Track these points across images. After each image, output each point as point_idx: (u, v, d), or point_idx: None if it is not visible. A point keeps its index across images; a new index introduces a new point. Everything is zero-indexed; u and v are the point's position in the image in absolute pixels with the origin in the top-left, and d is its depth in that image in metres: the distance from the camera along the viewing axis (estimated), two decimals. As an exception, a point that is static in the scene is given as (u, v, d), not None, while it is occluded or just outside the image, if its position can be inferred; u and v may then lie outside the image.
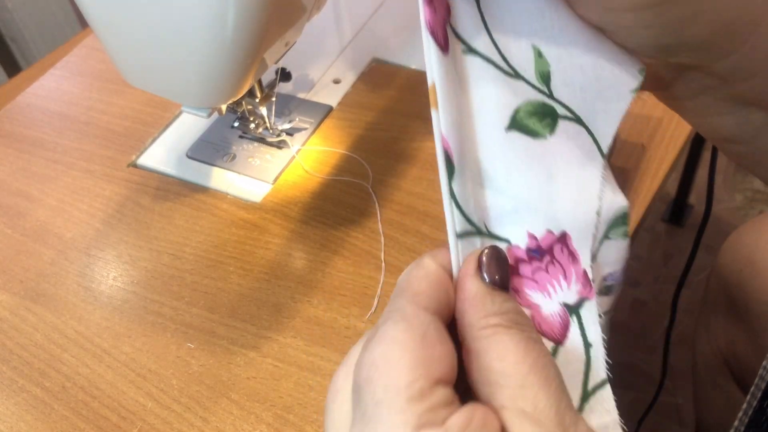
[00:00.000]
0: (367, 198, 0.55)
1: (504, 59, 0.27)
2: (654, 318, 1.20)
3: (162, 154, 0.61)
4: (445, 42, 0.26)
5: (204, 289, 0.50)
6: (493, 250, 0.24)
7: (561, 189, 0.27)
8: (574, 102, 0.28)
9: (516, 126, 0.27)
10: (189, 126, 0.63)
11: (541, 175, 0.27)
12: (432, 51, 0.25)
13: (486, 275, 0.24)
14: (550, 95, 0.27)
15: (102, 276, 0.52)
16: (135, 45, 0.44)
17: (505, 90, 0.27)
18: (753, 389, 0.40)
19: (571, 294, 0.26)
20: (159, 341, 0.48)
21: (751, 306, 0.58)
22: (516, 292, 0.26)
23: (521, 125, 0.27)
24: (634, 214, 0.53)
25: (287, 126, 0.61)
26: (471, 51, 0.27)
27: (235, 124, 0.62)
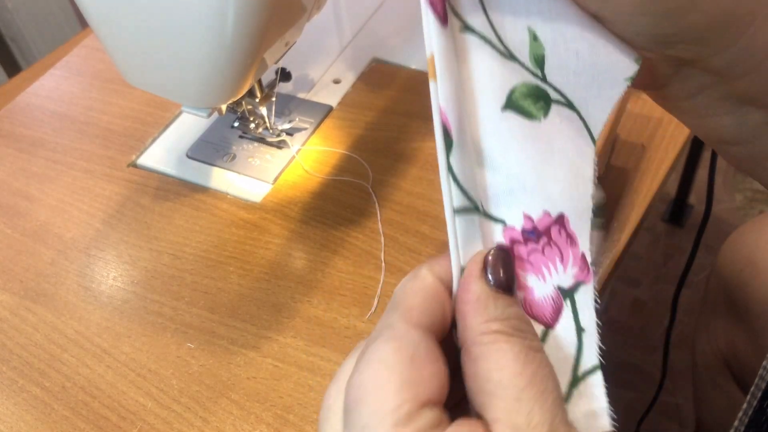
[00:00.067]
0: (367, 198, 0.55)
1: (500, 40, 0.27)
2: (654, 318, 1.20)
3: (162, 154, 0.61)
4: (444, 14, 0.25)
5: (204, 289, 0.50)
6: (500, 251, 0.24)
7: (556, 171, 0.27)
8: (566, 87, 0.27)
9: (512, 106, 0.26)
10: (189, 126, 0.63)
11: (537, 157, 0.26)
12: (431, 21, 0.24)
13: (491, 277, 0.24)
14: (543, 79, 0.27)
15: (102, 276, 0.52)
16: (135, 45, 0.44)
17: (502, 70, 0.27)
18: (753, 389, 0.40)
19: (567, 277, 0.26)
20: (159, 341, 0.48)
21: (752, 306, 0.58)
22: None
23: (517, 105, 0.27)
24: (634, 214, 0.53)
25: (287, 126, 0.61)
26: (468, 29, 0.26)
27: (235, 124, 0.62)
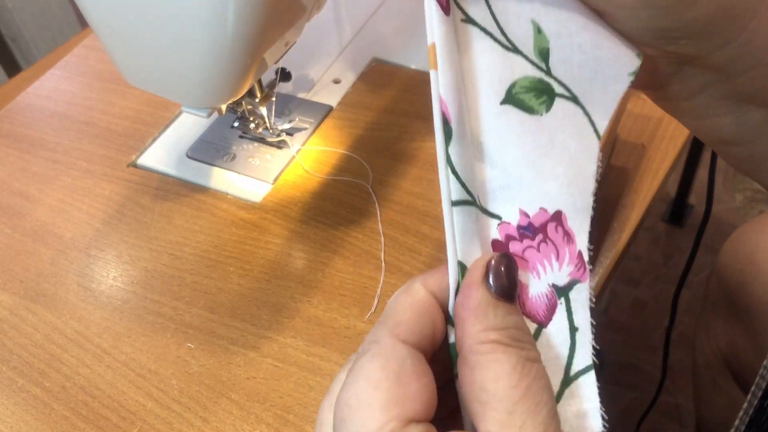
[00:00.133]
0: (367, 198, 0.55)
1: (503, 33, 0.27)
2: (654, 318, 1.20)
3: (162, 154, 0.61)
4: (447, 3, 0.25)
5: (204, 289, 0.50)
6: (503, 256, 0.24)
7: (555, 167, 0.26)
8: (571, 81, 0.27)
9: (511, 100, 0.26)
10: (189, 126, 0.63)
11: (535, 152, 0.26)
12: (433, 9, 0.24)
13: (493, 283, 0.24)
14: (548, 72, 0.27)
15: (102, 276, 0.52)
16: (135, 45, 0.44)
17: (502, 63, 0.26)
18: (753, 389, 0.40)
19: (562, 275, 0.26)
20: (159, 341, 0.48)
21: (752, 306, 0.58)
22: None
23: (516, 100, 0.26)
24: (634, 214, 0.53)
25: (287, 126, 0.61)
26: (469, 21, 0.26)
27: (235, 124, 0.62)
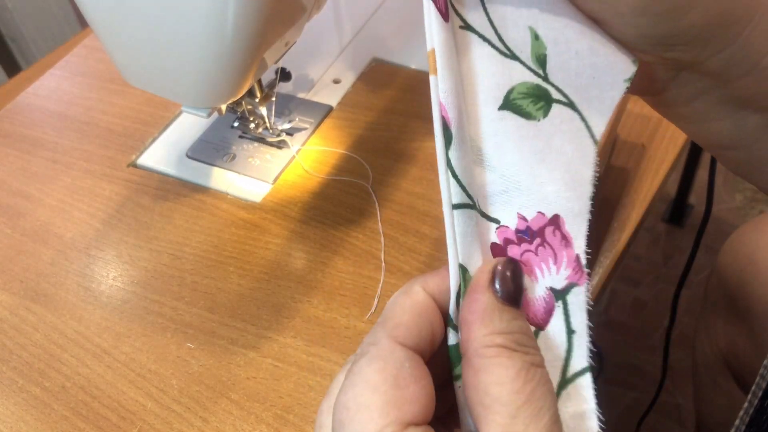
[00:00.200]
0: (367, 198, 0.55)
1: (500, 39, 0.27)
2: (654, 318, 1.20)
3: (162, 154, 0.61)
4: (446, 9, 0.25)
5: (204, 289, 0.50)
6: (509, 262, 0.24)
7: (553, 171, 0.27)
8: (568, 87, 0.28)
9: (509, 106, 0.27)
10: (189, 126, 0.63)
11: (533, 157, 0.27)
12: (432, 15, 0.24)
13: (499, 288, 0.24)
14: (545, 78, 0.27)
15: (102, 276, 0.52)
16: (135, 45, 0.44)
17: (500, 69, 0.27)
18: (754, 388, 0.40)
19: (559, 279, 0.26)
20: (159, 341, 0.48)
21: (752, 306, 0.58)
22: None
23: (514, 105, 0.27)
24: (634, 214, 0.53)
25: (287, 126, 0.61)
26: (468, 28, 0.26)
27: (235, 124, 0.62)
